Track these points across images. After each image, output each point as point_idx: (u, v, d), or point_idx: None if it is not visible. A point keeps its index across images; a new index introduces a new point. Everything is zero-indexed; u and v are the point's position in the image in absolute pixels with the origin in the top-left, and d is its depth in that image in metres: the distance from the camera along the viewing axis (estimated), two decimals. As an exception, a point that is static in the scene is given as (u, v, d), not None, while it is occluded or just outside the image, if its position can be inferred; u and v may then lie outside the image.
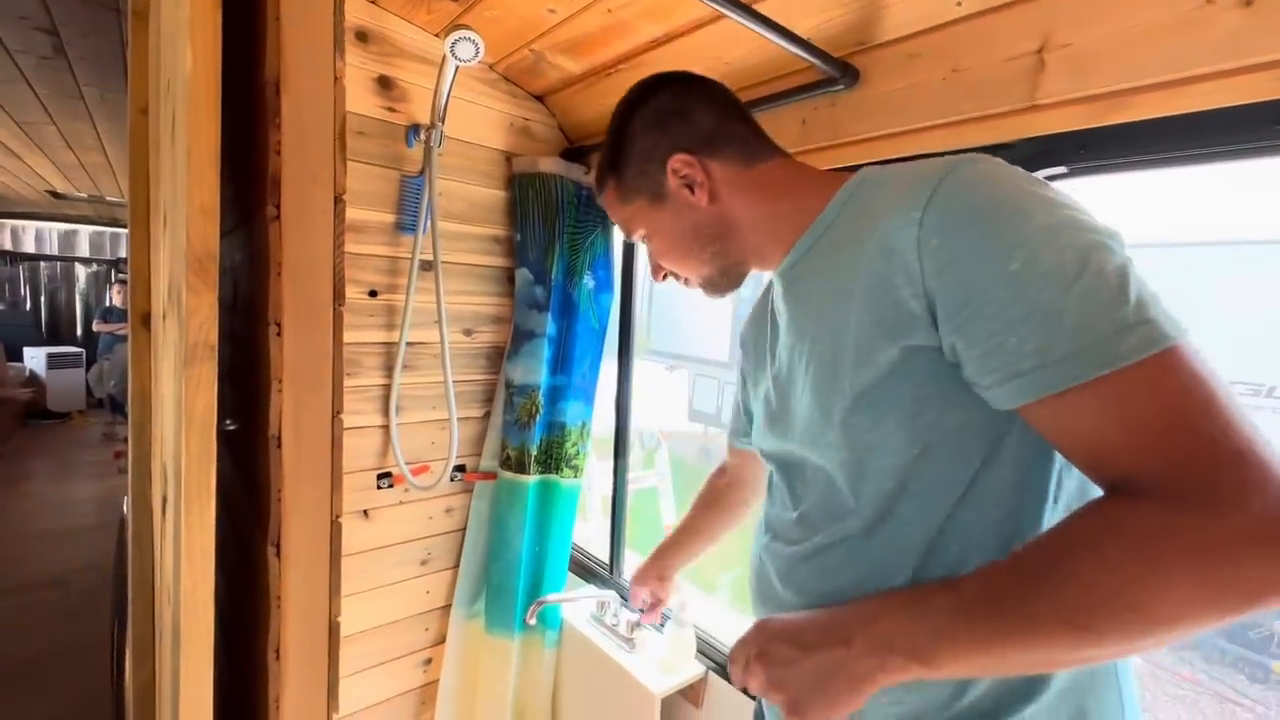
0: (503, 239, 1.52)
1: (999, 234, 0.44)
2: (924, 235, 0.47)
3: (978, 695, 0.52)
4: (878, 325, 0.51)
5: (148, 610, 0.80)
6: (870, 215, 0.54)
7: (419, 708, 1.52)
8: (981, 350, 0.45)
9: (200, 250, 0.45)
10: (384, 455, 1.39)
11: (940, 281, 0.47)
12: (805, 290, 0.62)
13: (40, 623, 2.60)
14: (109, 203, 5.20)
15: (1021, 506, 0.50)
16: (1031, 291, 0.42)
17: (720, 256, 0.68)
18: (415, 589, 1.48)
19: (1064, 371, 0.41)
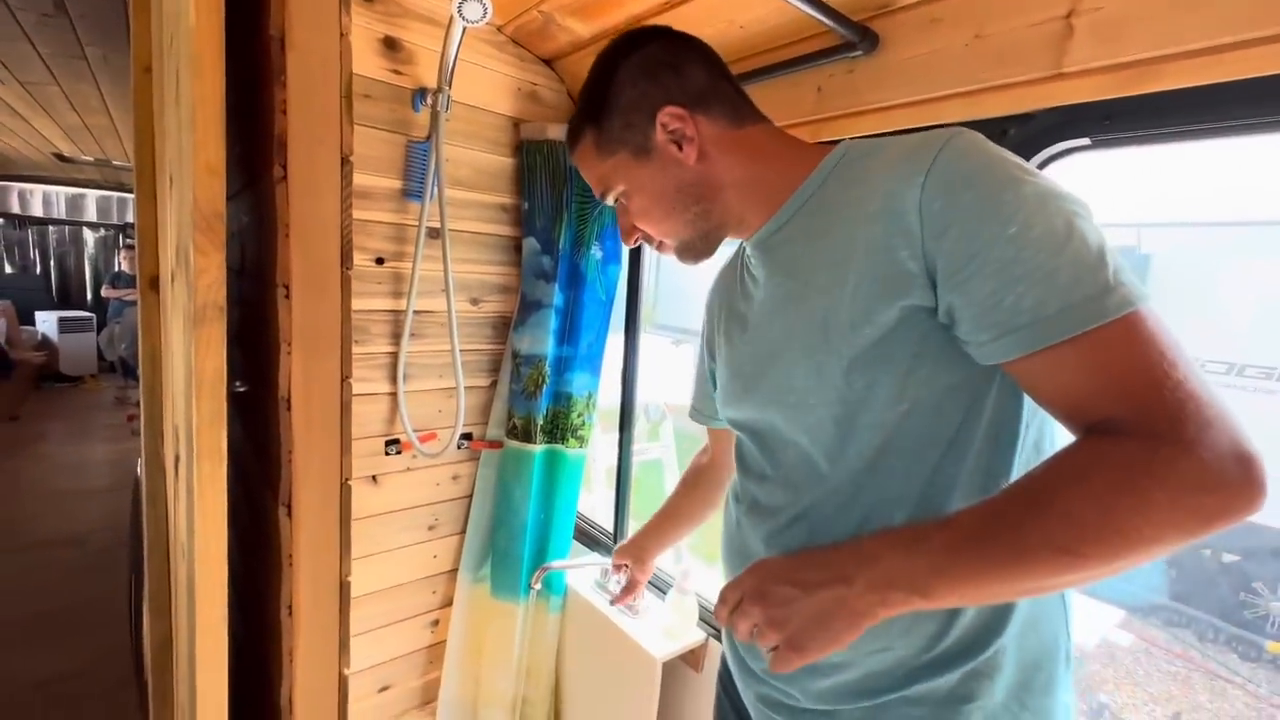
0: (510, 207, 1.51)
1: (997, 200, 0.47)
2: (926, 199, 0.50)
3: (955, 637, 0.56)
4: (876, 286, 0.53)
5: (163, 568, 0.82)
6: (863, 182, 0.56)
7: (427, 666, 1.57)
8: (980, 308, 0.48)
9: (207, 210, 0.45)
10: (392, 422, 1.40)
11: (941, 243, 0.49)
12: (788, 256, 0.63)
13: (60, 579, 2.68)
14: (115, 167, 5.17)
15: (996, 457, 0.54)
16: (1028, 253, 0.46)
17: (702, 219, 0.66)
18: (423, 553, 1.51)
19: (1057, 326, 0.45)
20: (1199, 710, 3.19)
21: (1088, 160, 0.77)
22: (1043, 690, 0.57)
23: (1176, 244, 4.13)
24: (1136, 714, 3.13)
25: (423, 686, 1.56)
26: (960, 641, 0.56)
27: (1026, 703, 0.56)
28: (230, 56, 0.54)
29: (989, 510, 0.47)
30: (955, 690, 0.55)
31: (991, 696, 0.55)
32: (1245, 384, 3.48)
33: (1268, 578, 3.54)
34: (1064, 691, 0.58)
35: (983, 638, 0.55)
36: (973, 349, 0.51)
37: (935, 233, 0.49)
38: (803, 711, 0.62)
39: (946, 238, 0.49)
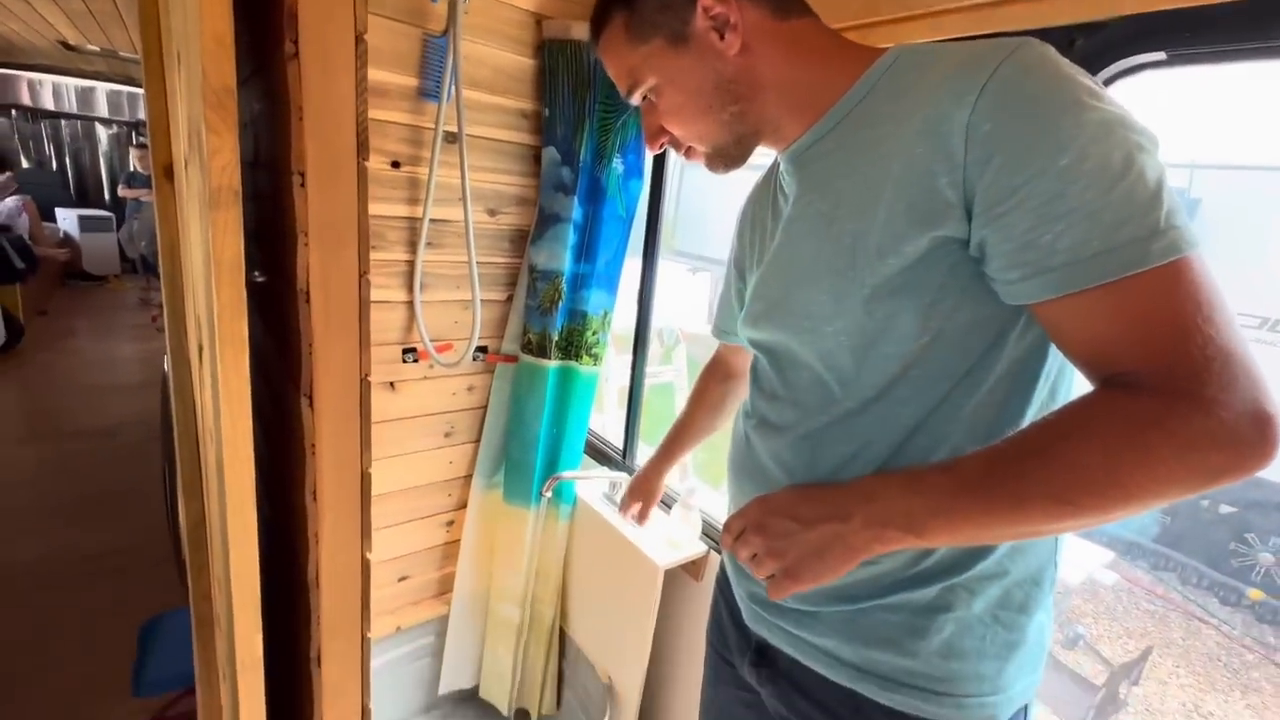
0: (530, 114, 1.44)
1: (1054, 126, 0.43)
2: (975, 120, 0.45)
3: (940, 555, 0.57)
4: (909, 213, 0.50)
5: (194, 454, 0.86)
6: (909, 96, 0.51)
7: (442, 561, 1.67)
8: (1014, 245, 0.45)
9: (217, 84, 0.43)
10: (409, 331, 1.41)
11: (984, 170, 0.45)
12: (822, 172, 0.59)
13: (100, 465, 2.84)
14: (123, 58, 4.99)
15: (1010, 399, 0.53)
16: (1076, 188, 0.42)
17: (738, 121, 0.61)
18: (439, 459, 1.57)
19: (1092, 270, 0.43)
20: (1171, 646, 3.35)
21: (1149, 85, 0.71)
22: (1019, 607, 0.58)
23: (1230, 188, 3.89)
24: (1110, 645, 3.29)
25: (439, 579, 1.67)
26: (945, 559, 0.57)
27: (1000, 617, 0.58)
28: (234, -82, 0.50)
29: (992, 456, 0.47)
30: (933, 601, 0.57)
31: (969, 608, 0.57)
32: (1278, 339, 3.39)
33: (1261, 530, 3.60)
34: (1041, 611, 0.60)
35: (967, 558, 0.57)
36: (1000, 287, 0.48)
37: (979, 159, 0.45)
38: (788, 610, 0.65)
39: (990, 166, 0.45)
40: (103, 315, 5.24)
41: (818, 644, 0.63)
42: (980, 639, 0.57)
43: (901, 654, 0.58)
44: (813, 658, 0.64)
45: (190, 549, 0.91)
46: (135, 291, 5.99)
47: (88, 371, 3.96)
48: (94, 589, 2.03)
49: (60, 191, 6.57)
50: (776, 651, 0.68)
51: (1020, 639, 0.58)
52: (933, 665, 0.58)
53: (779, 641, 0.67)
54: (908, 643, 0.58)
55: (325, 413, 0.55)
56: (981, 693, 0.58)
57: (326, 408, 0.55)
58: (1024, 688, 0.60)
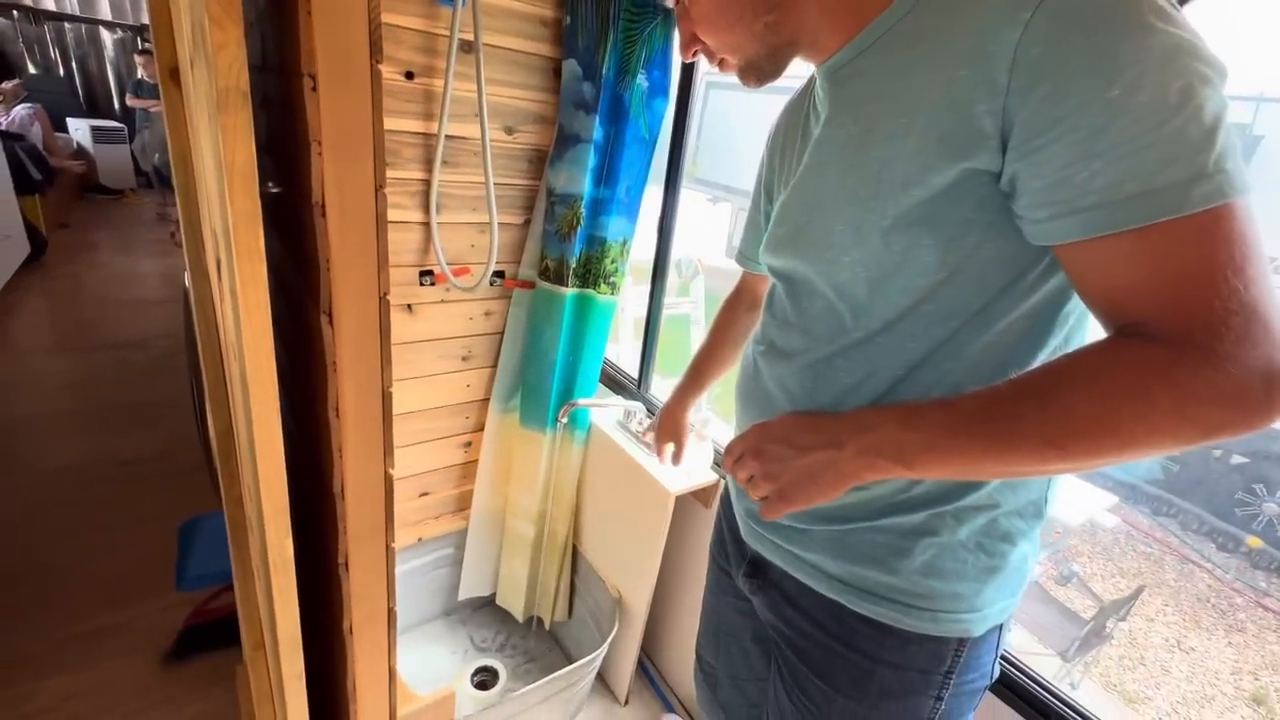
0: (550, 21, 1.35)
1: (1110, 51, 0.39)
2: (1026, 41, 0.42)
3: (931, 484, 0.58)
4: (941, 143, 0.47)
5: (217, 367, 0.87)
6: (955, 13, 0.47)
7: (460, 480, 1.73)
8: (1047, 181, 0.43)
9: (219, -29, 0.40)
10: (425, 253, 1.40)
11: (1027, 98, 0.42)
12: (857, 92, 0.56)
13: (130, 376, 2.94)
14: (121, -47, 4.72)
15: (1018, 341, 0.52)
16: (1122, 122, 0.39)
17: (773, 31, 0.58)
18: (457, 381, 1.59)
19: (1122, 213, 0.40)
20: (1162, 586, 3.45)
21: (1214, 9, 0.63)
22: (1003, 536, 0.60)
23: None
24: (1103, 583, 3.40)
25: (458, 496, 1.74)
26: (935, 489, 0.58)
27: (984, 544, 0.59)
28: None
29: (991, 396, 0.47)
30: (919, 525, 0.59)
31: (953, 534, 0.59)
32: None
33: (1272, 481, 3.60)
34: (1025, 541, 0.61)
35: (958, 489, 0.58)
36: (1026, 226, 0.46)
37: (1024, 85, 0.42)
38: (781, 527, 0.69)
39: (1034, 93, 0.41)
40: (122, 229, 5.26)
41: (807, 558, 0.66)
42: (961, 562, 0.59)
43: (884, 571, 0.61)
44: (801, 570, 0.67)
45: (220, 458, 0.95)
46: (152, 206, 5.98)
47: (112, 285, 4.02)
48: (133, 491, 2.15)
49: (69, 100, 6.43)
50: (768, 564, 0.72)
51: (1001, 564, 0.60)
52: (913, 582, 0.60)
53: (771, 555, 0.71)
54: (891, 561, 0.61)
55: (345, 330, 0.55)
56: (958, 610, 0.60)
57: (346, 325, 0.54)
58: (1000, 609, 0.62)
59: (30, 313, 3.47)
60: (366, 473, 0.63)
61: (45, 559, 1.80)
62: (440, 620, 1.81)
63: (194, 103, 0.63)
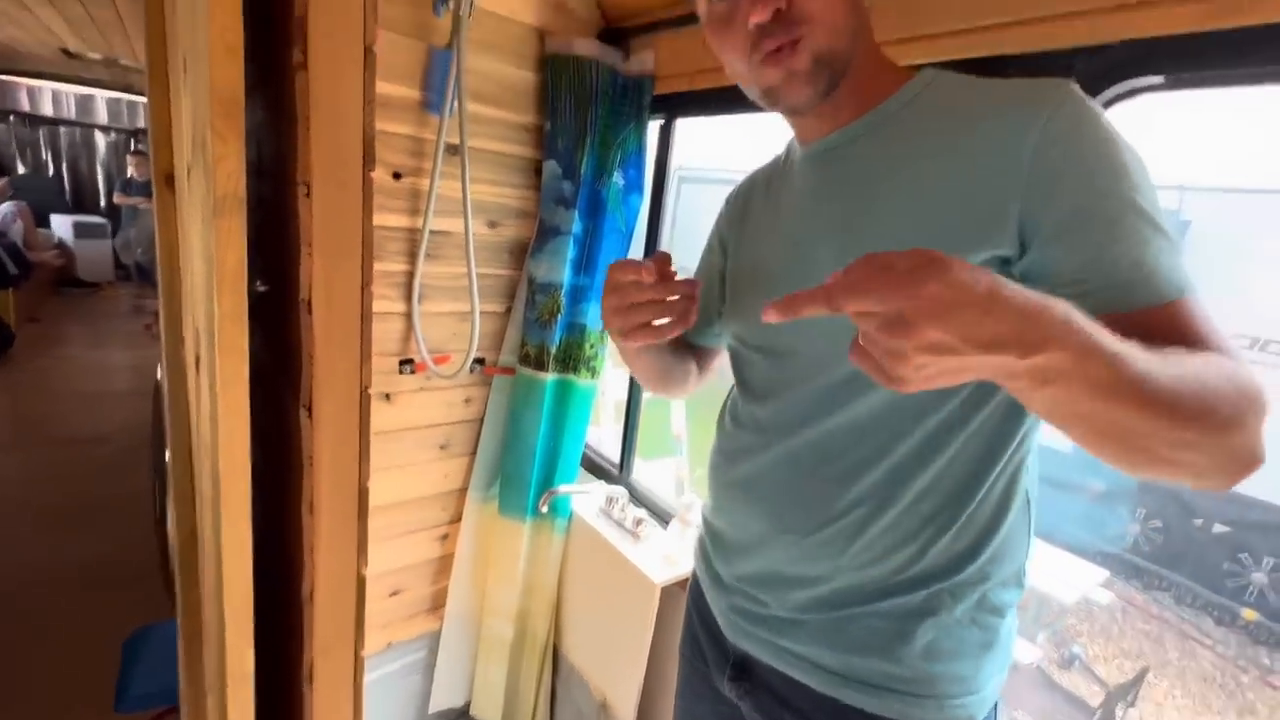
0: (531, 127, 1.45)
1: (1114, 159, 0.47)
2: (1045, 142, 0.48)
3: (930, 561, 0.58)
4: (966, 228, 0.51)
5: (186, 466, 0.84)
6: (959, 116, 0.53)
7: (436, 576, 1.65)
8: (1080, 259, 0.47)
9: (225, 93, 0.43)
10: (406, 342, 1.40)
11: (1051, 189, 0.48)
12: (851, 174, 0.59)
13: (88, 473, 2.80)
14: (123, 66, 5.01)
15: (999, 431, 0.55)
16: (1131, 217, 0.46)
17: (853, 38, 0.56)
18: (434, 471, 1.55)
19: (1149, 291, 0.45)
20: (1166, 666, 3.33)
21: (1139, 110, 0.72)
22: (994, 609, 0.60)
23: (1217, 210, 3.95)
24: (1106, 666, 3.28)
25: (432, 594, 1.65)
26: (932, 567, 0.58)
27: (978, 619, 0.59)
28: (245, -70, 0.50)
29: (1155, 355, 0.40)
30: (920, 606, 0.59)
31: (951, 612, 0.58)
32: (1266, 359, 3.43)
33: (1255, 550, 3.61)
34: (1010, 613, 0.62)
35: (954, 565, 0.58)
36: (1069, 296, 0.47)
37: (1046, 178, 0.48)
38: (771, 619, 0.66)
39: (1059, 185, 0.48)
40: (95, 322, 5.21)
41: (800, 652, 0.64)
42: (960, 641, 0.59)
43: (886, 659, 0.59)
44: (795, 667, 0.64)
45: (180, 561, 0.89)
46: (128, 299, 5.96)
47: (79, 378, 3.92)
48: (79, 600, 1.99)
49: (56, 198, 6.55)
50: (756, 663, 0.68)
51: (994, 639, 0.60)
52: (915, 669, 0.58)
53: (760, 652, 0.67)
54: (893, 648, 0.59)
55: (324, 425, 0.54)
56: (961, 694, 0.59)
57: (326, 420, 0.54)
58: (994, 686, 0.62)
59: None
60: (338, 573, 0.60)
61: (-32, 681, 1.63)
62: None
63: (187, 206, 0.66)
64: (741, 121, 1.37)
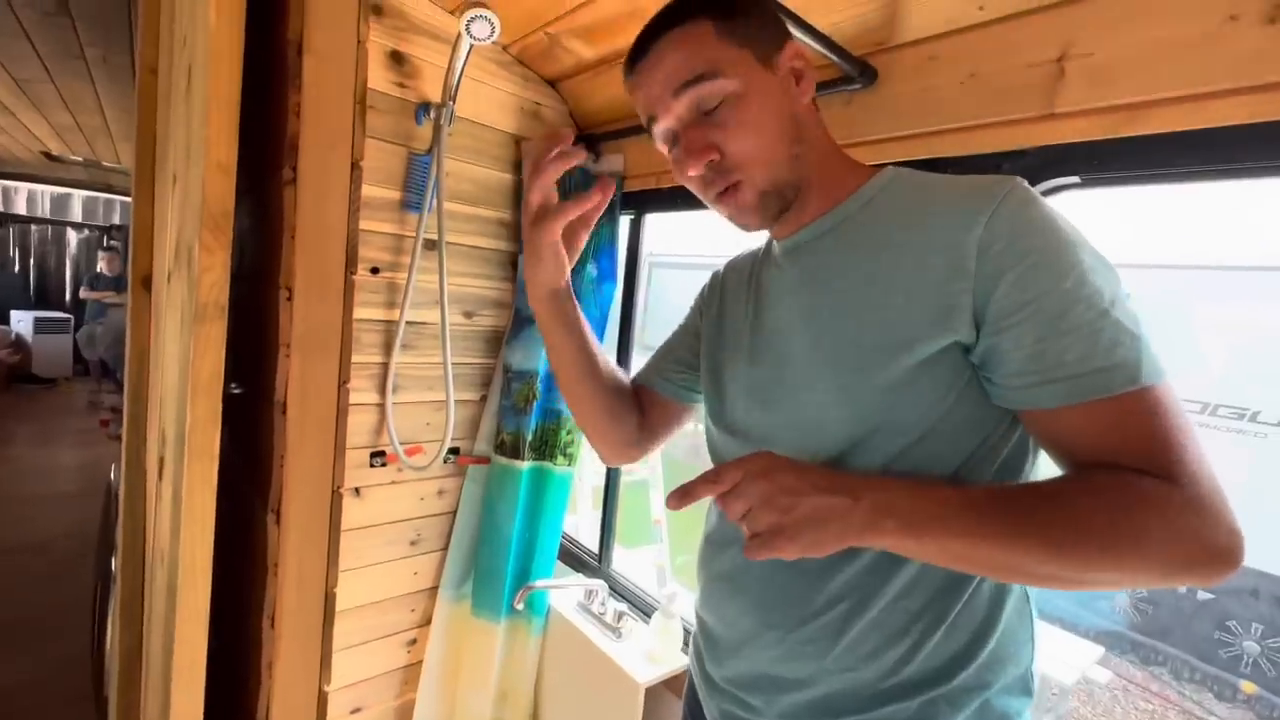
0: (508, 222, 1.51)
1: (1056, 252, 0.49)
2: (988, 238, 0.51)
3: (920, 664, 0.57)
4: (926, 316, 0.53)
5: (137, 574, 0.79)
6: (917, 214, 0.56)
7: (401, 687, 1.52)
8: (1025, 353, 0.49)
9: (216, 209, 0.45)
10: (378, 433, 1.38)
11: (997, 283, 0.50)
12: (822, 267, 0.62)
13: (21, 586, 2.58)
14: (104, 168, 5.12)
15: None
16: (1078, 310, 0.48)
17: (800, 163, 0.60)
18: (403, 569, 1.48)
19: (1097, 382, 0.47)
20: (1173, 752, 3.18)
21: (1076, 198, 0.79)
22: (999, 717, 0.57)
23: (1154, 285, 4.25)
24: (1114, 752, 3.12)
25: (397, 709, 1.51)
26: (925, 670, 0.56)
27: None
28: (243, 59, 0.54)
29: (1006, 490, 0.50)
30: (914, 714, 0.56)
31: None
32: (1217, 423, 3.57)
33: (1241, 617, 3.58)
34: None
35: (948, 668, 0.56)
36: (1003, 392, 0.52)
37: (992, 273, 0.50)
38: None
39: (1003, 280, 0.50)
40: (48, 419, 4.98)
41: None
42: None
43: None
44: None
45: (119, 683, 0.82)
46: (84, 394, 5.75)
47: (24, 481, 3.69)
48: (-7, 736, 1.77)
49: (19, 294, 6.45)
50: None
51: None
52: None
53: None
54: None
55: (292, 528, 0.52)
56: None
57: (294, 522, 0.52)
58: None
59: (-84, 516, 3.10)
60: (298, 693, 0.56)
61: None
62: None
63: (164, 309, 0.66)
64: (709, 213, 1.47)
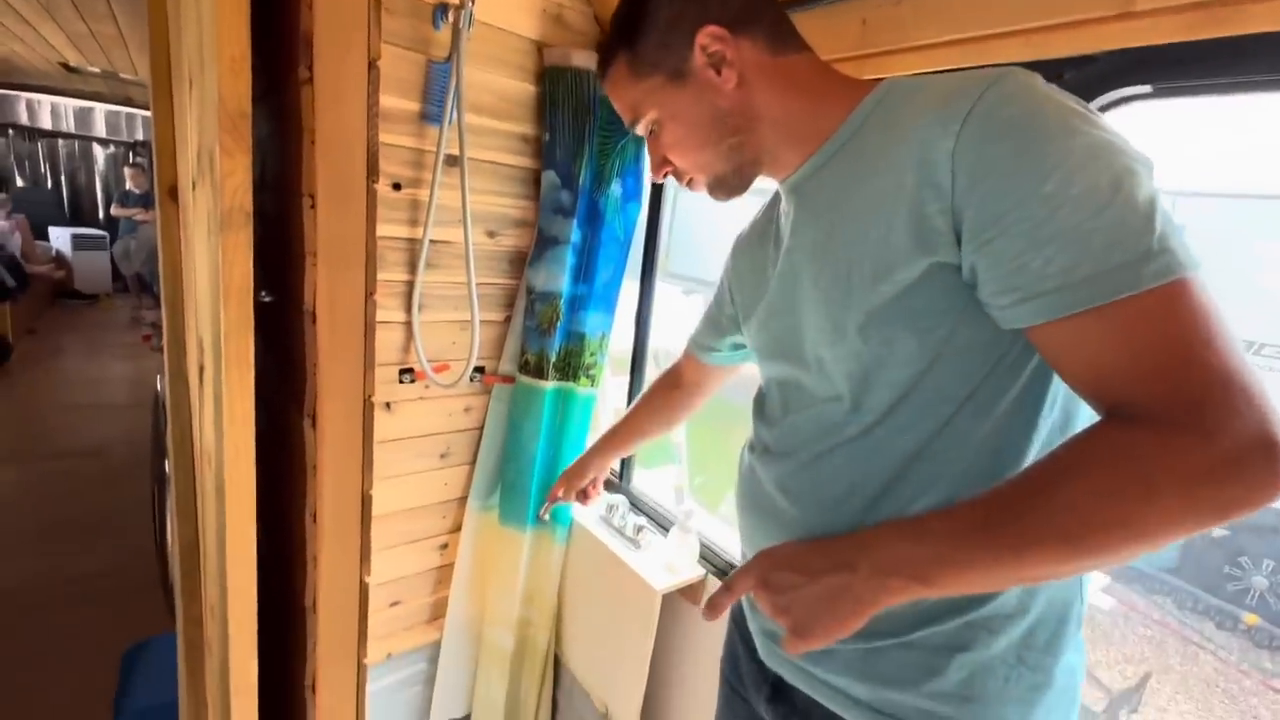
0: (530, 138, 1.46)
1: (1037, 152, 0.43)
2: (960, 149, 0.46)
3: None
4: (903, 240, 0.50)
5: (189, 475, 0.84)
6: (899, 127, 0.52)
7: (436, 585, 1.64)
8: (1004, 270, 0.45)
9: (233, 108, 0.44)
10: (406, 351, 1.41)
11: (970, 198, 0.46)
12: (819, 204, 0.60)
13: (85, 487, 2.79)
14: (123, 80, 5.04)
15: (1015, 424, 0.52)
16: (1063, 213, 0.42)
17: (737, 151, 0.63)
18: (434, 480, 1.55)
19: (1083, 293, 0.42)
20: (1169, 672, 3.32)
21: (1133, 115, 0.73)
22: (1044, 648, 0.56)
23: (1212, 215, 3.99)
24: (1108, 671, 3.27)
25: (432, 604, 1.64)
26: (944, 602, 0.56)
27: (1025, 657, 0.55)
28: (250, -51, 0.51)
29: (991, 500, 0.46)
30: (951, 639, 0.56)
31: (987, 648, 0.55)
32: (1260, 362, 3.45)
33: (1254, 554, 3.60)
34: (1070, 652, 0.58)
35: (982, 593, 0.55)
36: (994, 312, 0.48)
37: (965, 187, 0.46)
38: None
39: (975, 193, 0.45)
40: (93, 334, 5.20)
41: (832, 682, 0.62)
42: (1003, 680, 0.55)
43: (917, 694, 0.57)
44: (827, 696, 0.62)
45: (181, 573, 0.89)
46: (126, 310, 5.95)
47: (75, 391, 3.91)
48: (76, 614, 1.98)
49: (54, 210, 6.56)
50: (792, 689, 0.67)
51: (1046, 681, 0.56)
52: (951, 707, 0.56)
53: (793, 678, 0.66)
54: (924, 683, 0.56)
55: (327, 434, 0.54)
56: None
57: (329, 429, 0.54)
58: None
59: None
60: (341, 582, 0.60)
61: (-36, 697, 1.62)
62: (409, 749, 1.65)
63: (192, 219, 0.66)
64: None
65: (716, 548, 1.37)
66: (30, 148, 6.56)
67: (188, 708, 0.86)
